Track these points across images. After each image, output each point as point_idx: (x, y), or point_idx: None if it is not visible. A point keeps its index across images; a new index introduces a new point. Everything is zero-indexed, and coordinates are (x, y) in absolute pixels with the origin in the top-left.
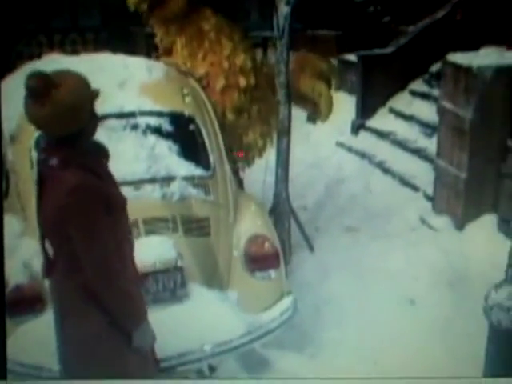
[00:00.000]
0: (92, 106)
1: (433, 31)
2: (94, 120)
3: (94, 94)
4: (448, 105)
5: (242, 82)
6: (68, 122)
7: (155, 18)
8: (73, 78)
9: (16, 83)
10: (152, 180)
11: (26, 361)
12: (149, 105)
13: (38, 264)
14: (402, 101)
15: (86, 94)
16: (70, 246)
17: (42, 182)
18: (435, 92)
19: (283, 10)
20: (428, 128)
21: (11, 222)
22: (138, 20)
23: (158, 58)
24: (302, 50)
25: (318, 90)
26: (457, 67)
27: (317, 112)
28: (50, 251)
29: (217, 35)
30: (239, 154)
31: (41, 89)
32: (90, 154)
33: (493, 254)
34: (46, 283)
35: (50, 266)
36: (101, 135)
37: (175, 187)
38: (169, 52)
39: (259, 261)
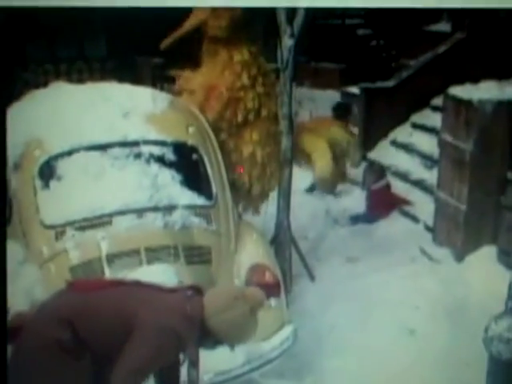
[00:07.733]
0: None
1: (434, 65)
2: None
3: None
4: (449, 137)
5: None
6: None
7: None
8: None
9: (22, 111)
10: (154, 208)
11: None
12: (152, 134)
13: (38, 291)
14: (404, 133)
15: None
16: None
17: None
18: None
19: (287, 42)
20: (428, 160)
21: (13, 249)
22: (144, 50)
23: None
24: (306, 82)
25: (319, 147)
26: (458, 100)
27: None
28: None
29: (242, 68)
30: (239, 169)
31: None
32: None
33: (492, 286)
34: None
35: None
36: (104, 163)
37: (177, 216)
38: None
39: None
